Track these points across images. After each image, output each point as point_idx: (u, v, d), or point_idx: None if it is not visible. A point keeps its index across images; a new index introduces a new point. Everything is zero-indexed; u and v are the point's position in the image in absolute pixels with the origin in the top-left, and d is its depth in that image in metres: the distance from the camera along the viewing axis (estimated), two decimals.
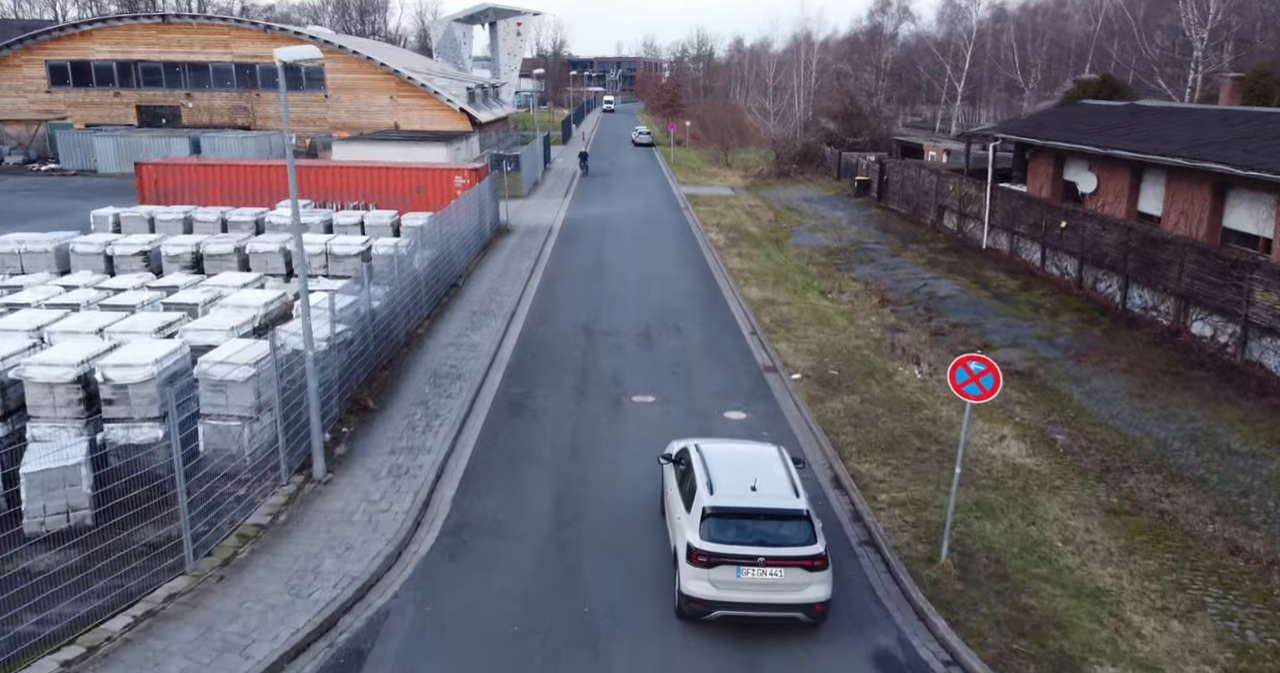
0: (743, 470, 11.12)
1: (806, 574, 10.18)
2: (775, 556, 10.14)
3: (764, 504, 10.55)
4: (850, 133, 66.02)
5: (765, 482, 10.91)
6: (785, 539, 10.28)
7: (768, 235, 37.42)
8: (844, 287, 28.13)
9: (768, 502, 10.58)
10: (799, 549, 10.20)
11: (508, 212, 39.51)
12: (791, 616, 10.36)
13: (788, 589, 10.21)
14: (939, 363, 20.51)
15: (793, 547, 10.22)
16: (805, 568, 10.16)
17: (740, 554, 10.14)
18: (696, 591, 10.28)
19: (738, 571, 10.15)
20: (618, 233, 37.41)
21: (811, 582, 10.21)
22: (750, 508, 10.49)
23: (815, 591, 10.24)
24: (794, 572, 10.15)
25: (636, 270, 30.19)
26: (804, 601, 10.23)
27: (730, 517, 10.40)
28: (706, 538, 10.27)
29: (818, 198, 49.02)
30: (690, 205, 45.62)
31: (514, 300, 25.46)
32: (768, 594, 10.24)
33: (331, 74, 64.14)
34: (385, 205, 34.56)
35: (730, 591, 10.20)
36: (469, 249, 30.52)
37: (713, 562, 10.17)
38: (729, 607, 10.25)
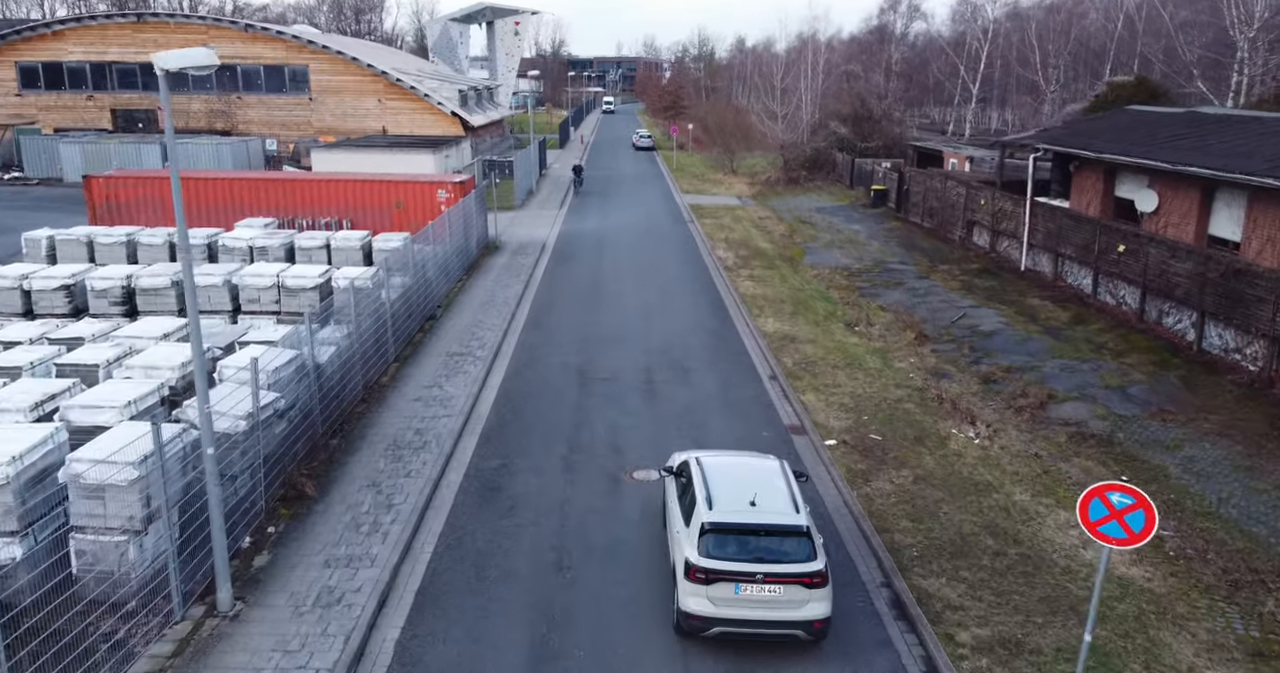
0: (743, 485, 10.94)
1: (806, 592, 10.02)
2: (774, 572, 9.99)
3: (763, 520, 10.37)
4: (861, 137, 62.82)
5: (765, 497, 10.71)
6: (785, 556, 10.12)
7: (781, 253, 34.18)
8: (872, 317, 24.90)
9: (767, 518, 10.40)
10: (798, 566, 10.03)
11: (497, 226, 36.29)
12: (791, 633, 10.20)
13: (787, 607, 10.06)
14: (998, 422, 17.27)
15: (792, 563, 10.05)
16: (805, 585, 10.00)
17: (739, 571, 10.00)
18: (695, 607, 10.13)
19: (736, 587, 10.01)
20: (617, 250, 34.18)
21: (811, 599, 10.05)
22: (749, 524, 10.32)
23: (815, 608, 10.08)
24: (793, 589, 10.00)
25: (637, 297, 26.95)
26: (803, 618, 10.07)
27: (729, 532, 10.25)
28: (705, 554, 10.12)
29: (831, 208, 45.77)
30: (695, 217, 42.39)
31: (497, 337, 22.23)
32: (766, 612, 10.07)
33: (316, 76, 60.97)
34: (362, 222, 31.37)
35: (728, 607, 10.07)
36: (450, 273, 27.29)
37: (711, 578, 10.03)
38: (727, 624, 10.10)
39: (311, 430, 14.93)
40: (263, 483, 12.74)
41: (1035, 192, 30.62)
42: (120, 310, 20.46)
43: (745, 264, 31.79)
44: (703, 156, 72.07)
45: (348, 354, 17.38)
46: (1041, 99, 63.94)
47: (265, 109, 61.51)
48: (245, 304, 20.64)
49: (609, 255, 33.19)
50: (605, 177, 58.51)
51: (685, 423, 17.11)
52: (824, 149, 58.32)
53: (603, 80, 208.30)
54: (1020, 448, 16.16)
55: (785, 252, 34.51)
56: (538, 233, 37.24)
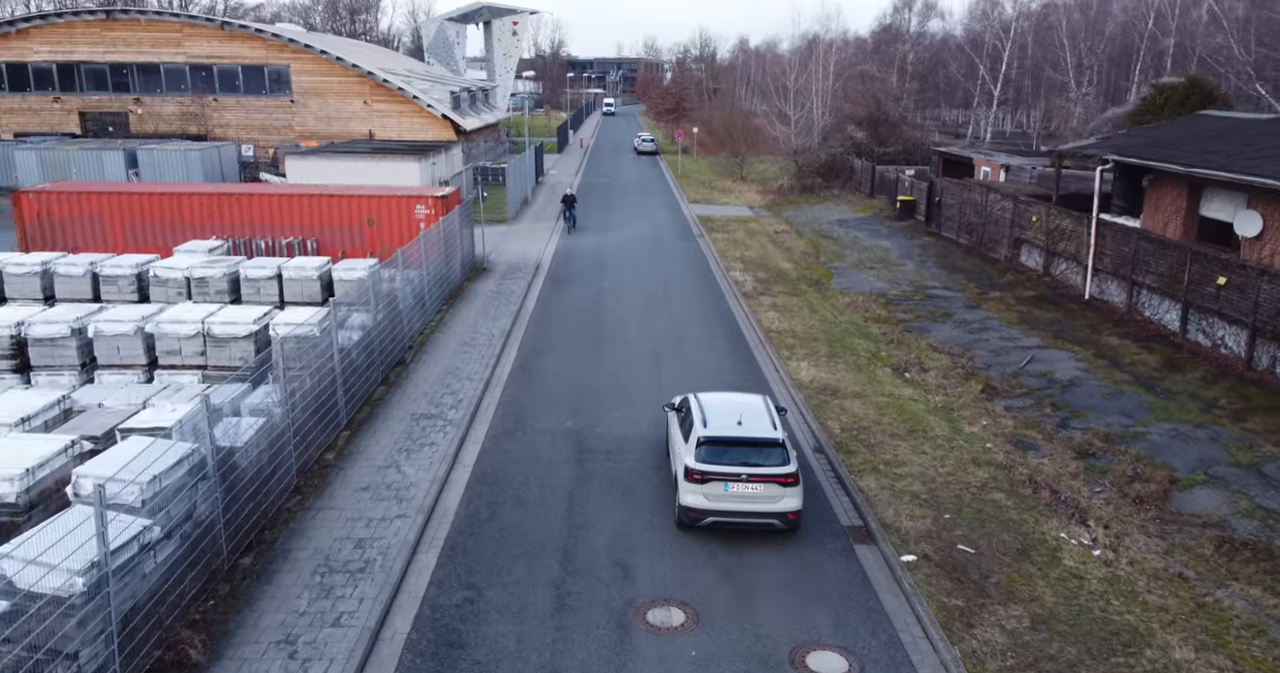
0: (732, 411, 13.25)
1: (781, 489, 12.34)
2: (756, 474, 12.30)
3: (748, 434, 12.69)
4: (878, 142, 58.94)
5: (750, 419, 13.06)
6: (765, 461, 12.43)
7: (805, 275, 30.27)
8: (924, 360, 20.98)
9: (751, 432, 12.73)
10: (775, 468, 12.36)
11: (485, 243, 32.38)
12: (769, 523, 12.47)
13: (766, 501, 12.34)
14: (1116, 520, 13.37)
15: (771, 467, 12.36)
16: (780, 484, 12.32)
17: (728, 472, 12.30)
18: (692, 502, 12.43)
19: (725, 486, 12.30)
20: (619, 272, 30.26)
21: (786, 495, 12.37)
22: (736, 437, 12.64)
23: (789, 502, 12.39)
24: (771, 487, 12.31)
25: (643, 333, 23.04)
26: (779, 510, 12.38)
27: (720, 444, 12.52)
28: (700, 461, 12.41)
29: (853, 221, 41.86)
30: (705, 231, 38.49)
31: (476, 390, 18.31)
32: (750, 505, 12.36)
33: (298, 76, 57.13)
34: (330, 242, 27.48)
35: (719, 502, 12.36)
36: (428, 304, 23.40)
37: (705, 479, 12.34)
38: (718, 514, 12.42)
39: (211, 553, 11.02)
40: (117, 658, 8.84)
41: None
42: (9, 365, 16.56)
43: (766, 289, 27.89)
44: (709, 162, 68.18)
45: (279, 430, 13.49)
46: (1072, 101, 59.97)
47: (243, 112, 57.67)
48: (163, 357, 16.76)
49: (611, 279, 29.28)
50: (606, 184, 54.59)
51: (710, 531, 13.21)
52: (840, 155, 54.43)
53: (603, 81, 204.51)
54: (1156, 564, 12.25)
55: (809, 273, 30.60)
56: (531, 251, 33.33)
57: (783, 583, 11.70)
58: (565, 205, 38.73)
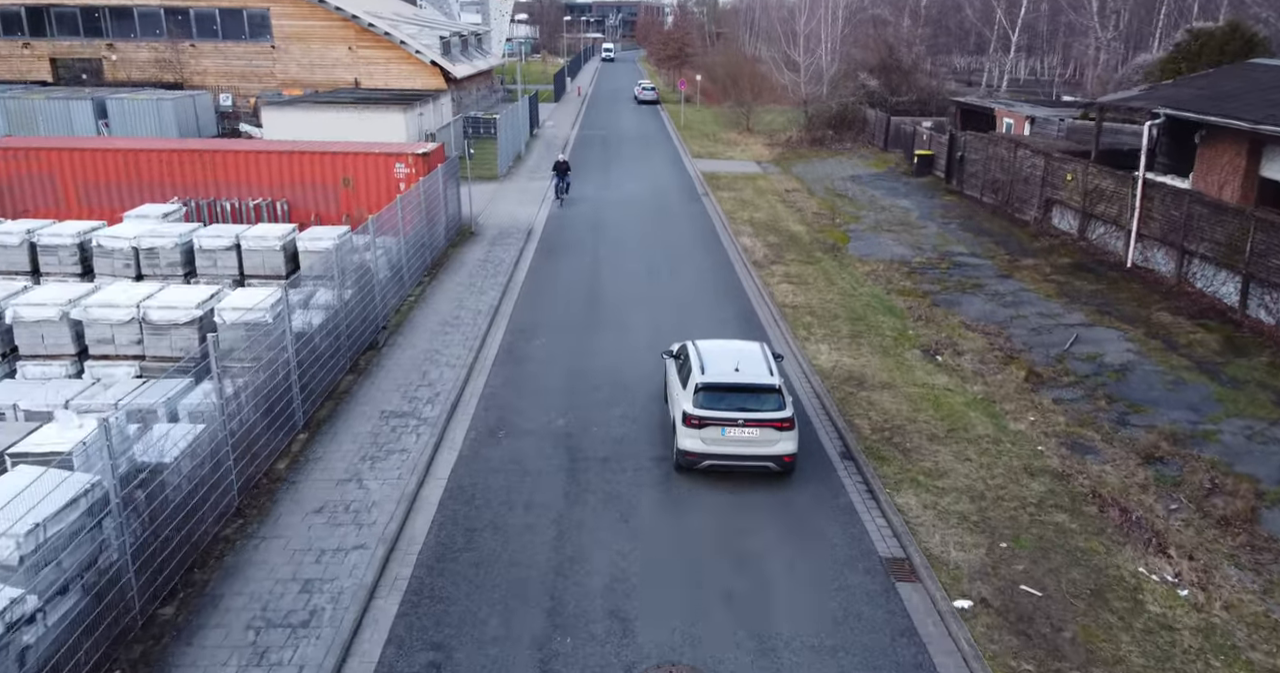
0: (730, 358, 13.31)
1: (777, 433, 12.55)
2: (752, 418, 12.47)
3: (744, 380, 12.82)
4: (891, 91, 56.04)
5: (747, 366, 13.15)
6: (761, 406, 12.59)
7: (819, 239, 27.99)
8: (957, 340, 18.87)
9: (747, 378, 12.85)
10: (771, 414, 12.53)
11: (473, 204, 30.02)
12: (765, 465, 12.76)
13: (762, 444, 12.59)
14: (1199, 548, 11.38)
15: (767, 412, 12.53)
16: (776, 428, 12.52)
17: (725, 417, 12.46)
18: (690, 446, 12.64)
19: (723, 430, 12.49)
20: (619, 239, 27.98)
21: (781, 439, 12.60)
22: (733, 383, 12.75)
23: (784, 445, 12.65)
24: (767, 431, 12.51)
25: (645, 310, 20.88)
26: (775, 453, 12.64)
27: (717, 390, 12.65)
28: (698, 406, 12.57)
29: (868, 177, 39.38)
30: (710, 189, 36.06)
31: (457, 380, 16.24)
32: (746, 448, 12.60)
33: (279, 20, 54.01)
34: (302, 204, 25.17)
35: (716, 445, 12.57)
36: (407, 276, 21.22)
37: (703, 424, 12.51)
38: (715, 458, 12.66)
39: (120, 609, 9.03)
40: None
41: (1133, 166, 24.42)
42: None
43: (778, 256, 25.65)
44: (713, 112, 65.22)
45: (218, 440, 11.45)
46: (1095, 47, 56.87)
47: (222, 58, 54.68)
48: (95, 346, 14.62)
49: (608, 245, 27.03)
50: (604, 138, 51.87)
51: (726, 550, 11.22)
52: (852, 105, 51.62)
53: (602, 26, 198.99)
54: (1255, 607, 10.29)
55: (824, 237, 28.30)
56: (523, 213, 30.97)
57: (814, 636, 9.74)
58: (557, 173, 32.78)
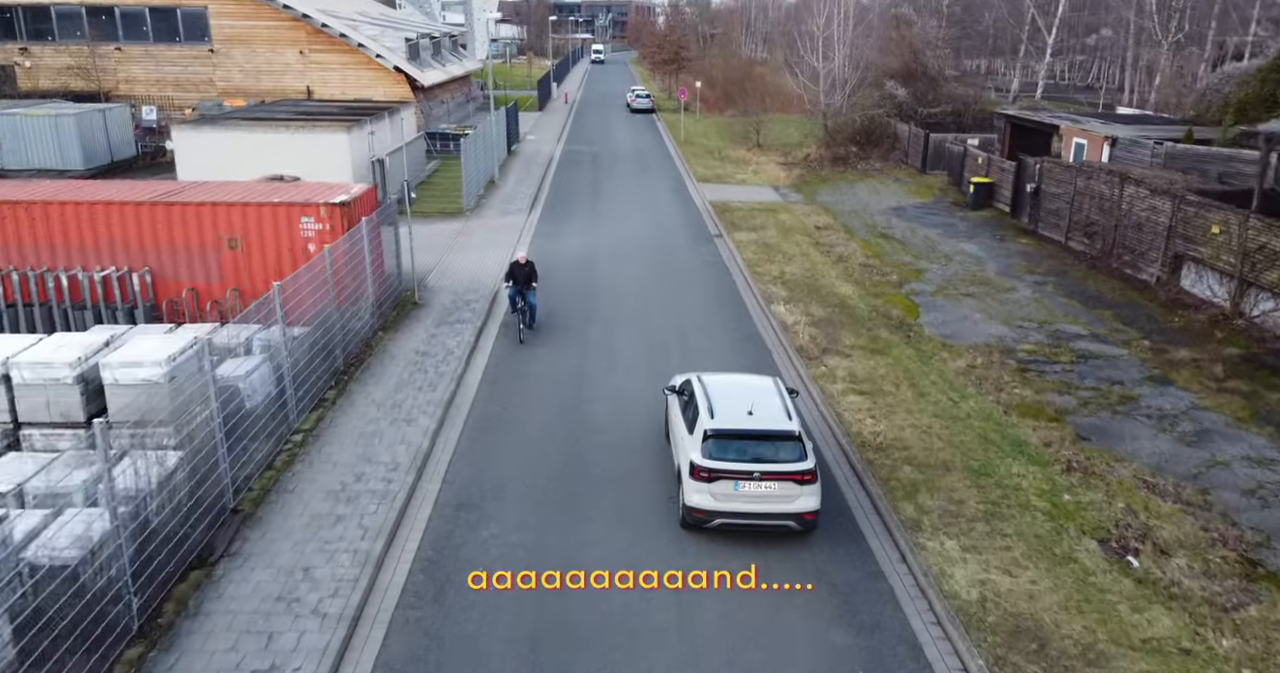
0: (741, 398, 11.93)
1: (798, 487, 11.03)
2: (770, 471, 10.99)
3: (760, 426, 11.37)
4: (921, 101, 49.22)
5: (761, 407, 11.73)
6: (779, 457, 11.12)
7: (878, 308, 21.04)
8: (1141, 514, 11.93)
9: (763, 424, 11.40)
10: (791, 465, 11.05)
11: (418, 256, 22.97)
12: (784, 524, 11.23)
13: (780, 500, 11.06)
14: None
15: (785, 463, 11.06)
16: (796, 482, 11.01)
17: (738, 470, 11.00)
18: (698, 502, 11.17)
19: (735, 484, 11.01)
20: (612, 308, 20.96)
21: (802, 494, 11.06)
22: (747, 430, 11.31)
23: (805, 502, 11.10)
24: (786, 485, 11.02)
25: (654, 459, 13.89)
26: (795, 510, 11.11)
27: (729, 438, 11.22)
28: (708, 456, 11.13)
29: (912, 209, 32.47)
30: (724, 227, 29.09)
31: (326, 648, 9.21)
32: (762, 505, 11.09)
33: (218, 20, 46.91)
34: (171, 272, 18.12)
35: (728, 502, 11.08)
36: (294, 401, 14.19)
37: (713, 477, 11.05)
38: (727, 516, 11.15)
39: None
40: None
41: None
42: None
43: (831, 340, 18.69)
44: (715, 123, 58.23)
45: None
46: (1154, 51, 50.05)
47: (153, 64, 47.53)
48: None
49: (599, 324, 19.99)
50: (594, 155, 44.80)
51: None
52: (879, 117, 44.73)
53: (591, 26, 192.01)
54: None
55: (884, 304, 21.35)
56: (490, 265, 23.91)
57: None
58: (512, 283, 18.74)
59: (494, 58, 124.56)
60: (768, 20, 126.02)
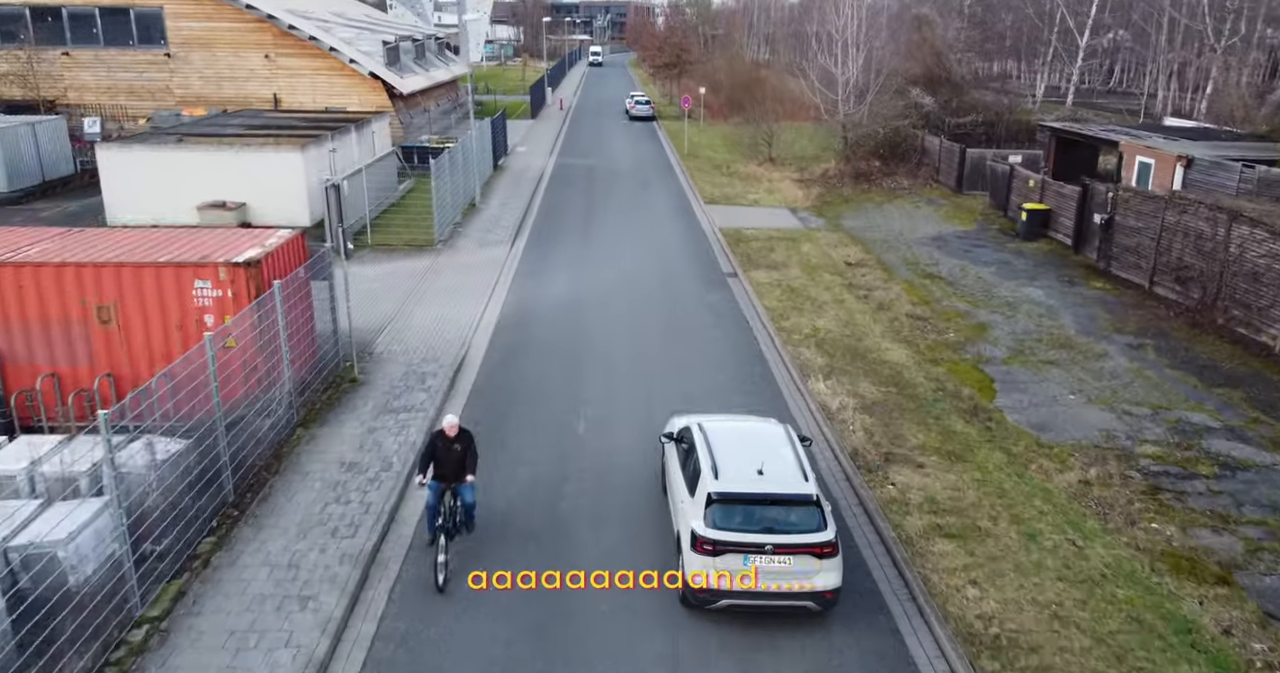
0: (748, 452, 10.56)
1: (816, 562, 9.54)
2: (784, 543, 9.48)
3: (771, 489, 9.89)
4: (948, 109, 44.92)
5: (772, 464, 10.30)
6: (794, 526, 9.63)
7: (942, 383, 16.67)
8: None
9: (775, 486, 9.93)
10: (808, 536, 9.56)
11: (377, 307, 18.60)
12: (801, 604, 9.69)
13: (797, 577, 9.54)
14: None
15: (802, 533, 9.57)
16: (815, 555, 9.52)
17: (747, 542, 9.49)
18: (702, 580, 9.57)
19: (744, 559, 9.49)
20: (606, 385, 16.55)
21: (822, 569, 9.58)
22: (757, 494, 9.84)
23: (826, 578, 9.59)
24: (803, 559, 9.51)
25: (658, 644, 9.57)
26: (814, 589, 9.57)
27: (737, 503, 9.75)
28: (712, 525, 9.62)
29: (954, 238, 28.14)
30: (739, 263, 24.76)
31: None
32: (776, 581, 9.52)
33: (176, 21, 42.62)
34: (25, 354, 13.75)
35: (737, 580, 9.49)
36: (151, 563, 9.84)
37: (719, 550, 9.50)
38: (736, 596, 9.57)
39: None
40: None
41: None
42: None
43: (890, 434, 14.33)
44: (721, 133, 53.87)
45: None
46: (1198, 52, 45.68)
47: (105, 69, 43.23)
48: None
49: (593, 403, 15.61)
50: (589, 170, 40.43)
51: None
52: (904, 129, 40.36)
53: (589, 27, 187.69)
54: None
55: (948, 377, 16.98)
56: (457, 319, 19.52)
57: None
58: (434, 468, 10.89)
59: (488, 60, 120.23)
60: (770, 20, 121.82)
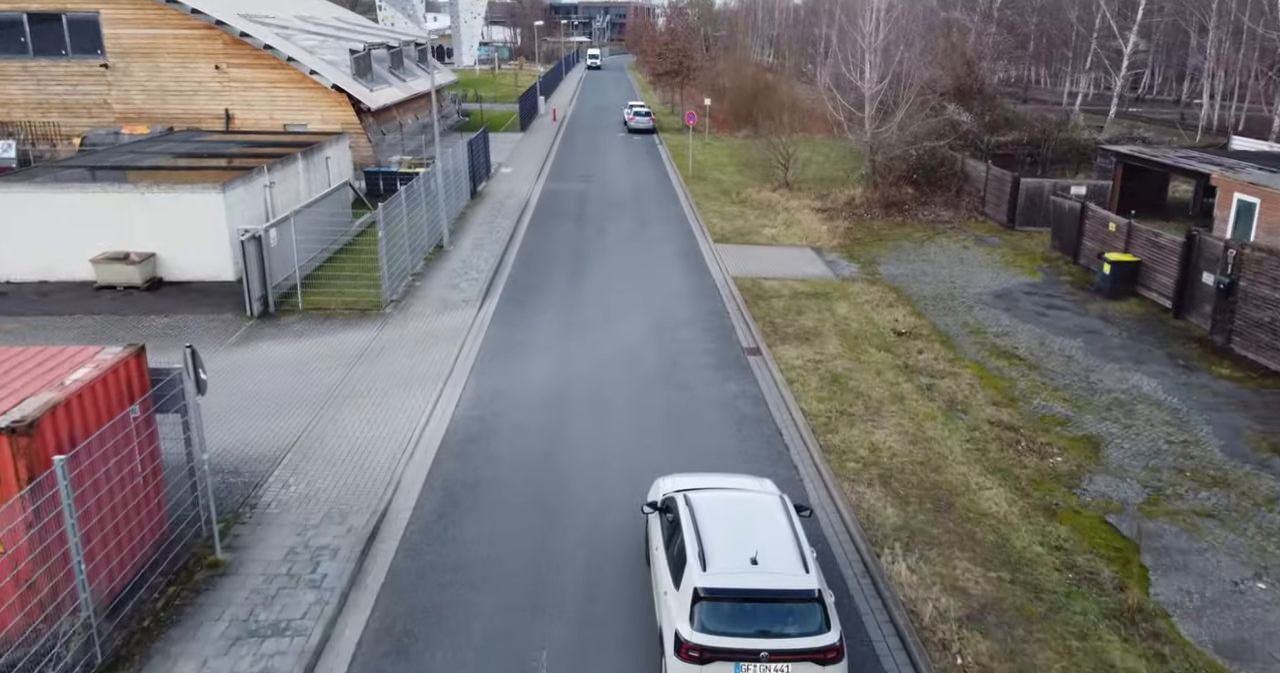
0: (741, 532, 9.30)
1: (819, 669, 8.34)
2: (781, 649, 8.30)
3: (767, 585, 8.63)
4: (985, 126, 39.97)
5: (768, 550, 8.97)
6: (793, 626, 8.45)
7: (1065, 554, 11.64)
8: None
9: (772, 581, 8.66)
10: (809, 640, 8.36)
11: (279, 419, 13.57)
12: None
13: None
14: None
15: (802, 637, 8.38)
16: (817, 662, 8.34)
17: (740, 648, 8.29)
18: None
19: (736, 668, 8.32)
20: (591, 563, 11.52)
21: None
22: (751, 589, 8.59)
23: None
24: (804, 667, 8.34)
25: None
26: None
27: (727, 600, 8.53)
28: (699, 628, 8.41)
29: (1021, 293, 23.10)
30: (761, 332, 19.72)
31: None
32: None
33: (114, 28, 37.71)
34: None
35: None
36: None
37: (706, 657, 8.31)
38: None
39: None
40: None
41: None
42: None
43: None
44: (728, 148, 48.88)
45: None
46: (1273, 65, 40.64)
47: (33, 83, 38.31)
48: None
49: (564, 623, 10.61)
50: (580, 196, 35.40)
51: None
52: (940, 151, 35.28)
53: (588, 28, 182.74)
54: None
55: (1068, 537, 11.98)
56: (388, 435, 14.45)
57: None
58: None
59: (482, 64, 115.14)
60: (775, 22, 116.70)
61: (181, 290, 21.88)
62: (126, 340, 18.51)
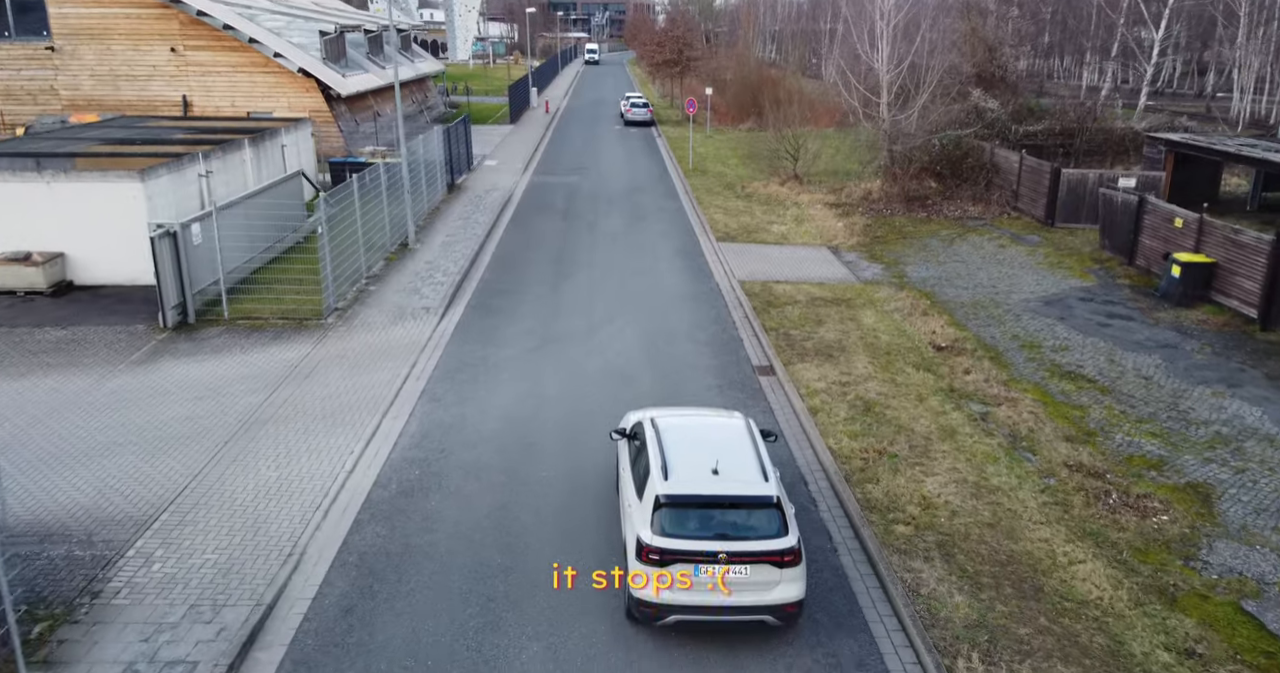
0: (704, 449, 9.34)
1: (776, 571, 8.43)
2: (740, 551, 8.37)
3: (727, 491, 8.72)
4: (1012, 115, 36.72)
5: (729, 462, 9.11)
6: (752, 531, 8.53)
7: (1202, 671, 8.42)
8: None
9: (731, 487, 8.76)
10: (767, 543, 8.42)
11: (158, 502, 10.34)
12: (758, 618, 8.53)
13: (754, 589, 8.44)
14: None
15: (760, 540, 8.44)
16: (775, 564, 8.41)
17: (699, 551, 8.35)
18: (648, 594, 8.41)
19: (695, 569, 8.34)
20: None
21: (782, 580, 8.45)
22: (710, 495, 8.68)
23: (786, 589, 8.48)
24: (762, 569, 8.40)
25: None
26: (772, 602, 8.46)
27: (688, 506, 8.60)
28: (660, 532, 8.46)
29: (1076, 300, 19.82)
30: (774, 347, 16.48)
31: None
32: (731, 596, 8.42)
33: (59, 8, 34.57)
34: None
35: (687, 594, 8.38)
36: None
37: (666, 560, 8.35)
38: (685, 611, 8.42)
39: None
40: None
41: None
42: None
43: None
44: (731, 140, 45.62)
45: None
46: None
47: None
48: None
49: None
50: (571, 190, 32.14)
51: None
52: (967, 141, 31.97)
53: (588, 24, 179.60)
54: None
55: (1198, 639, 8.75)
56: (295, 490, 11.22)
57: None
58: None
59: (477, 59, 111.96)
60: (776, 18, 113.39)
61: (93, 296, 18.67)
62: (8, 356, 15.26)
